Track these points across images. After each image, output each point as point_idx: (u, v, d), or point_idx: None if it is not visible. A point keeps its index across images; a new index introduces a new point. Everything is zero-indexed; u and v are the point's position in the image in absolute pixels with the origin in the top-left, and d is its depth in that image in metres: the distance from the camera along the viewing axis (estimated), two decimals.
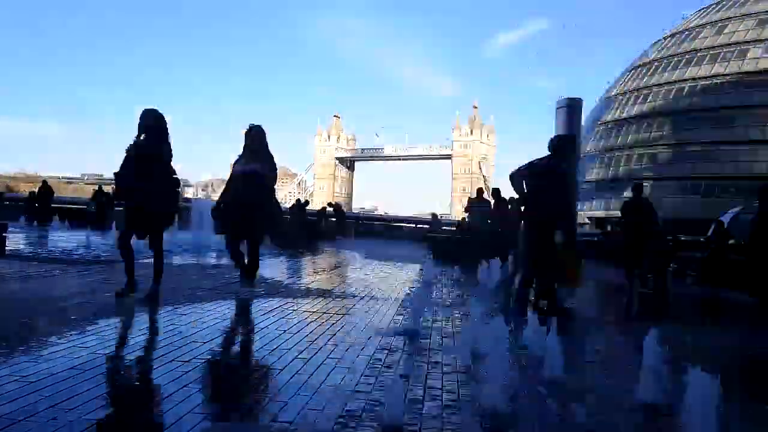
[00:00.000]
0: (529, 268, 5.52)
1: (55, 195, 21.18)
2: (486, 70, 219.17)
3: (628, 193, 41.53)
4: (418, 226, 27.69)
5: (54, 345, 3.34)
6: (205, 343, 3.67)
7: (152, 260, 5.05)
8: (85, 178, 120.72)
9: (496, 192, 11.10)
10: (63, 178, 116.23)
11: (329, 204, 26.51)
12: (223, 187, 6.25)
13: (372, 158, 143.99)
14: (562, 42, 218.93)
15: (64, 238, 11.90)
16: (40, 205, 18.74)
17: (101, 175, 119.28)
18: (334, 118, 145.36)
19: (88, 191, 44.19)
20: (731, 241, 12.25)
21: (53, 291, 5.36)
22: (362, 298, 6.21)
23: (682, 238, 18.88)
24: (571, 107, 17.18)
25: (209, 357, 3.37)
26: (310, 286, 7.19)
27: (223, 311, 4.92)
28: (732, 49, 38.83)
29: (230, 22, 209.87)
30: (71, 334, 3.59)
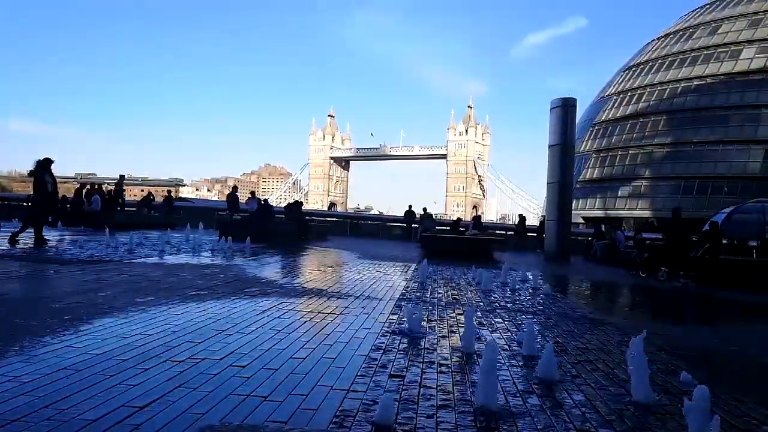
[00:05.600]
0: None
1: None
2: (508, 70, 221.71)
3: (622, 193, 41.90)
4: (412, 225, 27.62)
5: (48, 345, 3.32)
6: (200, 342, 3.66)
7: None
8: (79, 177, 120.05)
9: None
10: (57, 177, 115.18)
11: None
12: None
13: (367, 158, 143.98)
14: (592, 42, 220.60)
15: (58, 238, 11.84)
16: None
17: (94, 174, 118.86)
18: (329, 117, 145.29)
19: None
20: (724, 241, 12.33)
21: (48, 291, 5.32)
22: (357, 297, 6.21)
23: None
24: (565, 107, 17.22)
25: (204, 357, 3.35)
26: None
27: (217, 310, 4.91)
28: (725, 49, 39.06)
29: (230, 23, 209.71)
30: (65, 334, 3.58)
